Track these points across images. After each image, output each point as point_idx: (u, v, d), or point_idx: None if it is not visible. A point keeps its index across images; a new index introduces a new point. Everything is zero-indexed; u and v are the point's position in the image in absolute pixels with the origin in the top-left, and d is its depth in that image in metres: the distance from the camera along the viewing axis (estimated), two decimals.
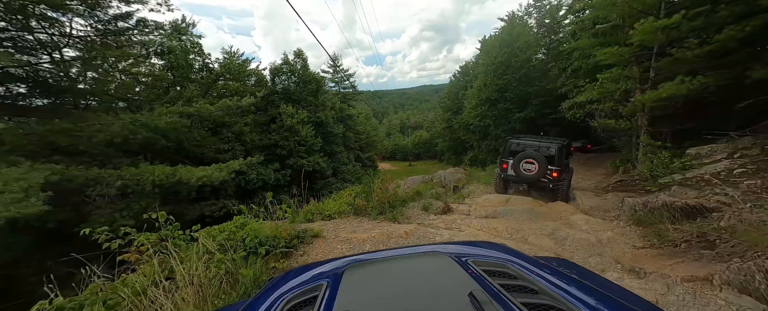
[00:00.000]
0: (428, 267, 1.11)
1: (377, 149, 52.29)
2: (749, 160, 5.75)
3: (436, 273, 1.02)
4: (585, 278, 1.12)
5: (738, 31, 5.42)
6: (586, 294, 0.89)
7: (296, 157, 16.59)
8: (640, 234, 4.36)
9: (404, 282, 0.98)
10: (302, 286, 1.08)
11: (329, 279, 1.05)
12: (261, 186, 13.72)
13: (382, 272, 1.10)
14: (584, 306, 0.79)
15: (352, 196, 5.17)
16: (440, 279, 0.98)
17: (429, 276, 1.01)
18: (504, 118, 19.04)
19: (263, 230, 3.13)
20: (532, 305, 0.77)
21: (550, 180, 6.86)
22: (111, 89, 10.33)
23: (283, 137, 16.47)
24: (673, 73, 7.22)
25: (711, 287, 2.29)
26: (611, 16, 8.40)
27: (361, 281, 1.02)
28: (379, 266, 1.17)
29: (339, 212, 4.80)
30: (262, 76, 19.03)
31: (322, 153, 19.83)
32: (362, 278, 1.04)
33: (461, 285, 0.85)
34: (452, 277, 0.95)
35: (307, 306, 0.90)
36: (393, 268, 1.13)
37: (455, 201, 8.94)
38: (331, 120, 23.05)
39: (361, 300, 0.86)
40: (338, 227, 4.17)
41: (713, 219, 3.54)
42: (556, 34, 20.08)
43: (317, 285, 1.03)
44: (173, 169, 7.18)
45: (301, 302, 0.93)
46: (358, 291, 0.94)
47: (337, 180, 20.53)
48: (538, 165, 6.82)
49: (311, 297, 0.94)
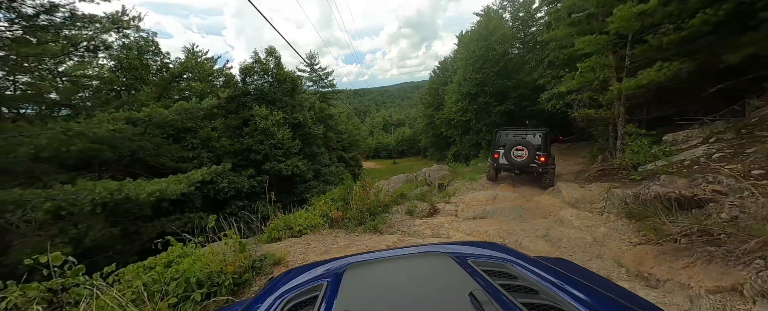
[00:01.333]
0: (428, 267, 1.11)
1: (361, 148, 51.58)
2: (726, 144, 5.78)
3: (437, 273, 1.02)
4: (585, 278, 1.09)
5: (711, 15, 5.38)
6: (586, 294, 0.88)
7: (273, 162, 15.57)
8: (634, 228, 4.15)
9: (404, 282, 0.98)
10: (302, 286, 1.08)
11: (329, 279, 1.05)
12: (234, 195, 12.65)
13: (382, 272, 1.09)
14: (584, 306, 0.79)
15: (328, 206, 4.58)
16: (440, 279, 0.98)
17: (429, 276, 1.01)
18: (484, 111, 19.08)
19: (203, 263, 2.42)
20: (532, 305, 0.76)
21: (539, 165, 7.46)
22: (51, 95, 8.93)
23: (257, 141, 15.38)
24: (648, 60, 7.23)
25: (742, 300, 1.98)
26: (586, 5, 8.33)
27: (361, 281, 1.01)
28: (379, 266, 1.16)
29: (311, 226, 4.19)
30: (231, 76, 17.68)
31: (302, 155, 18.88)
32: (362, 278, 1.04)
33: (461, 285, 0.84)
34: (452, 277, 0.95)
35: (307, 306, 0.89)
36: (393, 268, 1.12)
37: (441, 200, 8.59)
38: (310, 120, 22.07)
39: (361, 300, 0.86)
40: (309, 246, 3.58)
41: (711, 210, 3.32)
42: (530, 28, 20.40)
43: (317, 285, 1.02)
44: (119, 184, 6.19)
45: (301, 302, 0.93)
46: (358, 291, 0.93)
47: (319, 182, 19.67)
48: (527, 152, 7.36)
49: (311, 297, 0.94)
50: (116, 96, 12.34)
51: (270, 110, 16.54)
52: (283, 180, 16.78)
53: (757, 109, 5.98)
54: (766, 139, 5.13)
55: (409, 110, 70.14)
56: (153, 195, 6.10)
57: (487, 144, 19.13)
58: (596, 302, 0.84)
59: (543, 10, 18.96)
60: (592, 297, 0.87)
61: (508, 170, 8.19)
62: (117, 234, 6.66)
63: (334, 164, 27.74)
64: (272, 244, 3.68)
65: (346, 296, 0.87)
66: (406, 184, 13.14)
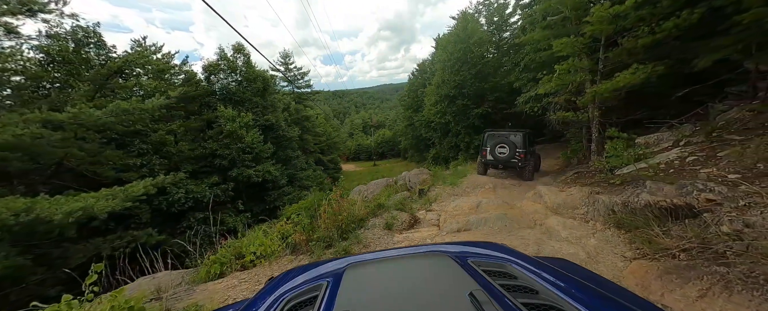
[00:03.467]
0: (428, 267, 1.11)
1: (340, 150, 50.43)
2: (697, 147, 5.86)
3: (437, 273, 1.02)
4: (585, 278, 1.06)
5: (683, 20, 5.43)
6: (586, 295, 0.88)
7: (241, 167, 14.25)
8: (625, 240, 3.89)
9: (404, 282, 0.97)
10: (302, 286, 1.08)
11: (329, 279, 1.05)
12: (193, 206, 11.23)
13: (382, 272, 1.09)
14: (584, 306, 0.78)
15: (290, 225, 3.84)
16: (440, 279, 0.98)
17: (429, 276, 1.02)
18: (463, 114, 19.13)
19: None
20: (532, 305, 0.77)
21: (519, 160, 8.55)
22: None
23: (222, 145, 14.00)
24: (620, 64, 7.31)
25: None
26: (561, 8, 8.34)
27: (362, 281, 1.01)
28: (379, 266, 1.16)
29: (268, 253, 3.43)
30: (192, 74, 16.02)
31: (275, 160, 17.64)
32: (362, 278, 1.04)
33: (461, 285, 0.85)
34: (452, 277, 0.95)
35: (307, 306, 0.90)
36: (393, 268, 1.12)
37: (422, 207, 8.13)
38: (284, 122, 20.83)
39: (361, 300, 0.86)
40: (260, 284, 2.84)
41: (708, 221, 3.08)
42: (504, 32, 20.87)
43: (317, 285, 1.02)
44: (29, 202, 4.94)
45: (301, 302, 0.93)
46: (358, 291, 0.93)
47: (294, 188, 18.51)
48: (509, 149, 8.53)
49: (311, 297, 0.94)
50: (46, 95, 10.50)
51: (238, 111, 15.20)
52: (253, 187, 15.47)
53: (723, 113, 6.18)
54: (735, 142, 5.23)
55: (389, 112, 70.03)
56: (73, 215, 4.90)
57: (466, 146, 19.18)
58: (596, 302, 0.84)
59: (517, 14, 19.48)
60: (591, 297, 0.87)
61: (493, 165, 9.23)
62: (28, 263, 5.35)
63: (311, 168, 26.56)
64: (210, 284, 2.87)
65: (346, 296, 0.87)
66: (385, 189, 12.60)
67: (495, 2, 21.56)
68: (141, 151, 10.06)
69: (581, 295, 0.85)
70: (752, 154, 4.61)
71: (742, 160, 4.75)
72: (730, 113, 5.98)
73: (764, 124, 5.11)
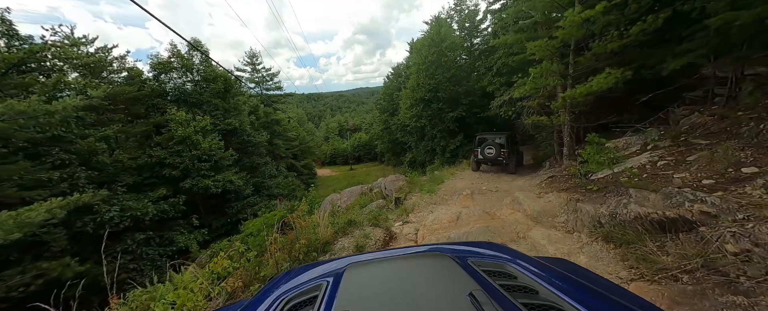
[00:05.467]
0: (428, 267, 1.10)
1: (315, 155, 48.59)
2: (666, 152, 5.92)
3: (436, 273, 1.02)
4: (585, 278, 1.06)
5: (649, 23, 5.46)
6: (586, 295, 0.88)
7: (196, 177, 12.60)
8: (617, 256, 3.57)
9: (404, 282, 0.96)
10: (302, 286, 1.08)
11: (329, 279, 1.05)
12: (131, 226, 9.44)
13: (382, 272, 1.08)
14: (583, 306, 0.78)
15: (227, 261, 2.95)
16: (440, 279, 0.97)
17: (429, 276, 1.00)
18: (438, 117, 19.05)
19: None
20: (532, 305, 0.77)
21: (503, 158, 10.09)
22: None
23: (173, 152, 12.27)
24: (589, 69, 7.37)
25: None
26: (532, 12, 8.33)
27: (362, 281, 1.01)
28: (379, 266, 1.16)
29: (195, 306, 2.52)
30: (137, 72, 13.99)
31: (238, 167, 16.03)
32: (362, 278, 1.03)
33: (461, 285, 0.85)
34: (452, 277, 0.95)
35: (307, 306, 0.89)
36: (393, 268, 1.11)
37: (398, 218, 7.52)
38: (250, 126, 19.19)
39: (362, 300, 0.85)
40: None
41: (707, 237, 2.78)
42: (475, 38, 21.35)
43: (317, 284, 1.02)
44: None
45: (301, 302, 0.93)
46: (359, 291, 0.93)
47: (262, 197, 16.96)
48: (495, 149, 10.06)
49: (311, 297, 0.94)
50: None
51: (193, 114, 13.51)
52: (212, 199, 13.82)
53: (685, 117, 6.37)
54: (701, 146, 5.33)
55: (365, 115, 69.20)
56: None
57: (442, 150, 19.09)
58: (596, 302, 0.84)
59: (487, 21, 19.96)
60: (591, 297, 0.87)
61: (484, 162, 10.77)
62: None
63: (282, 174, 24.91)
64: None
65: (346, 296, 0.87)
66: (360, 198, 11.84)
67: (466, 9, 22.05)
68: (60, 162, 8.11)
69: (581, 295, 0.85)
70: (722, 159, 4.64)
71: (712, 165, 4.77)
72: (692, 118, 6.16)
73: (727, 129, 5.23)
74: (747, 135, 4.67)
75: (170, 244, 10.02)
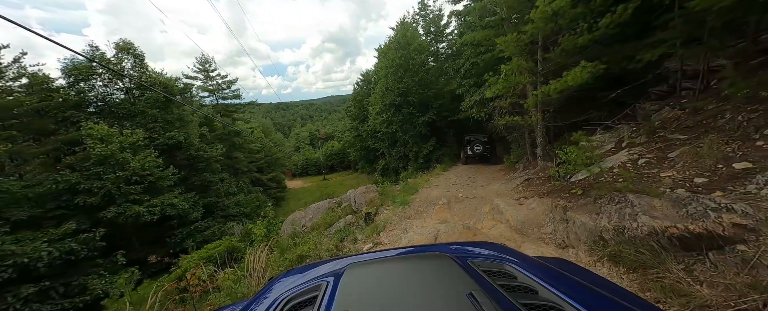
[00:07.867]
0: (428, 267, 1.09)
1: (285, 167, 45.72)
2: (644, 149, 5.63)
3: (436, 274, 1.01)
4: (585, 278, 1.06)
5: (619, 15, 5.18)
6: (586, 295, 0.87)
7: (123, 203, 10.31)
8: (633, 284, 2.83)
9: (404, 282, 0.96)
10: (302, 286, 1.07)
11: (329, 279, 1.05)
12: (16, 277, 7.00)
13: (382, 272, 1.08)
14: (584, 306, 0.78)
15: None
16: (440, 279, 0.97)
17: (429, 276, 1.00)
18: (409, 122, 18.49)
19: None
20: (531, 305, 0.77)
21: (488, 152, 13.33)
22: None
23: (91, 175, 9.94)
24: (559, 65, 7.08)
25: None
26: (496, 8, 7.97)
27: (361, 281, 1.00)
28: (379, 266, 1.15)
29: None
30: (41, 79, 11.33)
31: (184, 187, 13.77)
32: (362, 278, 1.03)
33: (461, 285, 0.85)
34: (452, 277, 0.94)
35: (307, 306, 0.90)
36: (393, 268, 1.11)
37: (369, 238, 6.46)
38: (200, 140, 16.89)
39: (361, 300, 0.85)
40: None
41: (751, 260, 2.12)
42: (440, 43, 21.42)
43: (317, 284, 1.02)
44: None
45: (301, 302, 0.93)
46: (358, 291, 0.93)
47: (215, 221, 14.73)
48: (481, 146, 13.18)
49: (311, 297, 0.94)
50: None
51: (120, 128, 11.22)
52: (147, 228, 11.48)
53: (655, 112, 6.23)
54: (681, 141, 5.07)
55: (337, 123, 67.42)
56: None
57: (415, 156, 18.50)
58: (596, 302, 0.83)
59: (452, 25, 20.05)
60: (591, 298, 0.87)
61: (471, 158, 13.46)
62: None
63: (243, 191, 22.46)
64: None
65: (346, 296, 0.87)
66: (326, 214, 10.54)
67: (430, 14, 22.14)
68: None
69: (581, 295, 0.84)
70: (708, 154, 4.30)
71: (698, 161, 4.43)
72: (663, 112, 5.99)
73: (703, 122, 5.02)
74: (728, 127, 4.40)
75: (82, 293, 7.77)
